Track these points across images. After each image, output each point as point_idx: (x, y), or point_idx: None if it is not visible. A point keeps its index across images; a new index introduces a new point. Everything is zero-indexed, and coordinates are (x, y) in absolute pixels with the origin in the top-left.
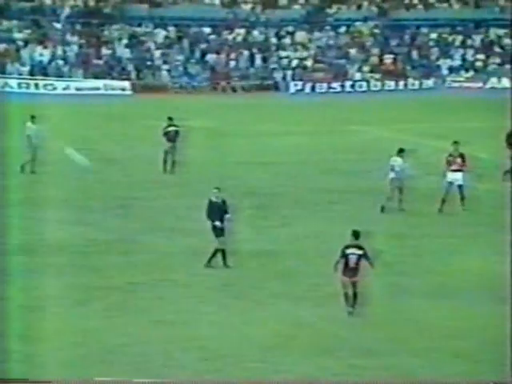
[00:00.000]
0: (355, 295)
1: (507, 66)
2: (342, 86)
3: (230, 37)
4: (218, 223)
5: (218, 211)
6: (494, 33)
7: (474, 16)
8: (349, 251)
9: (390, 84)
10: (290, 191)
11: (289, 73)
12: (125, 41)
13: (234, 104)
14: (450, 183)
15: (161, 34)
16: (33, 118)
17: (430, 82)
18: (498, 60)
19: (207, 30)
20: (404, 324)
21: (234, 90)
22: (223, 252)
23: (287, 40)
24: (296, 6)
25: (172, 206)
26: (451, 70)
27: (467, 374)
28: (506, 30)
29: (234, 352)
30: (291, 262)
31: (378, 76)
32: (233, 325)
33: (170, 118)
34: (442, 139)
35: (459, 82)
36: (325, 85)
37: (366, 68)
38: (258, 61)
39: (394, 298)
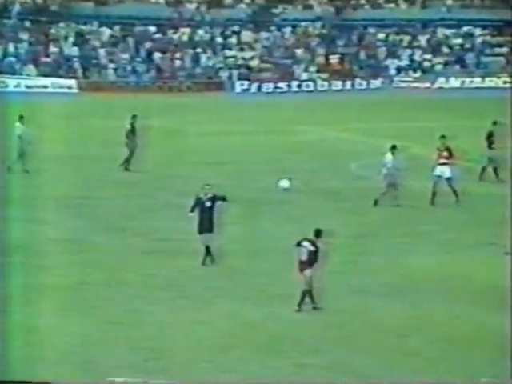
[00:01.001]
0: (304, 293)
1: (456, 67)
2: (289, 86)
3: (176, 36)
4: (204, 220)
5: (204, 208)
6: (441, 33)
7: (421, 16)
8: (303, 243)
9: (337, 84)
10: (238, 191)
11: (235, 72)
12: (71, 39)
13: (180, 103)
14: (439, 176)
15: (106, 32)
16: (21, 117)
17: (377, 82)
18: (445, 60)
19: (152, 28)
20: (354, 323)
21: (179, 89)
22: (207, 249)
23: (233, 39)
24: (241, 6)
25: (123, 205)
26: (399, 70)
27: (417, 372)
28: (454, 29)
29: (182, 352)
30: (240, 261)
31: (324, 76)
32: (181, 324)
33: (133, 116)
34: (390, 139)
35: (407, 82)
36: (271, 84)
37: (312, 68)
38: (204, 60)
39: (345, 297)
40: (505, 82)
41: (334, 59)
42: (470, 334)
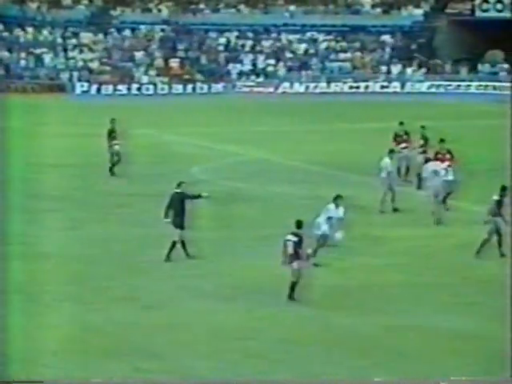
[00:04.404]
0: (295, 284)
1: (300, 72)
2: (129, 89)
3: (21, 34)
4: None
5: (179, 204)
6: (284, 38)
7: (263, 21)
8: (287, 237)
9: (178, 88)
10: (78, 194)
11: (75, 74)
12: None
13: (25, 104)
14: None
15: None
16: None
17: (219, 87)
18: (289, 65)
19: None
20: (197, 326)
21: (24, 89)
22: (183, 243)
23: (73, 41)
24: (80, 7)
25: None
26: (241, 74)
27: (261, 374)
28: (297, 35)
29: (23, 356)
30: (80, 265)
31: (165, 80)
32: (23, 328)
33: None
34: (232, 143)
35: (250, 86)
36: (110, 87)
37: (152, 71)
38: (48, 61)
39: (186, 300)
40: (351, 87)
41: (174, 63)
42: (315, 335)
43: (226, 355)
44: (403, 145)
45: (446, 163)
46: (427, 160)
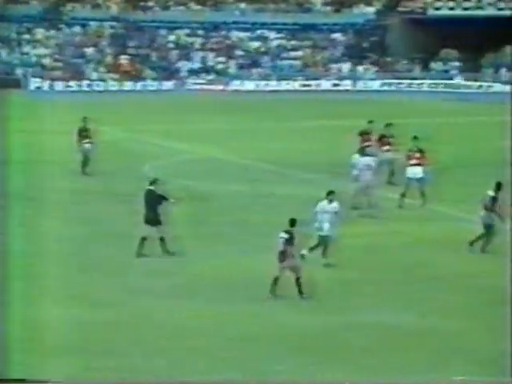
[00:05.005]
0: (297, 280)
1: (251, 70)
2: (79, 86)
3: None
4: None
5: (150, 201)
6: (235, 36)
7: (213, 19)
8: (280, 235)
9: (128, 84)
10: (28, 191)
11: (30, 70)
12: None
13: None
14: (410, 178)
15: None
16: None
17: (169, 84)
18: (240, 63)
19: None
20: (144, 324)
21: None
22: (162, 239)
23: (27, 36)
24: (34, 2)
25: None
26: (191, 72)
27: (206, 372)
28: (248, 33)
29: None
30: (28, 262)
31: (115, 76)
32: None
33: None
34: (183, 141)
35: (200, 84)
36: (62, 83)
37: (102, 68)
38: (3, 56)
39: (137, 298)
40: (302, 85)
41: (124, 60)
42: (266, 333)
43: (175, 353)
44: (387, 147)
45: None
46: (362, 153)
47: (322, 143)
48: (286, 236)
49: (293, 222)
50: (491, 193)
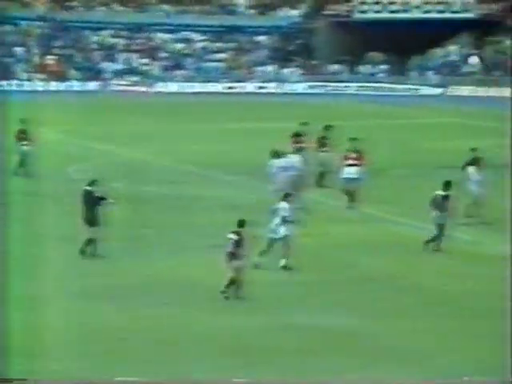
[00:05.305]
0: (233, 281)
1: (175, 71)
2: (9, 85)
3: None
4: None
5: (88, 201)
6: (159, 37)
7: (137, 20)
8: (228, 236)
9: (54, 85)
10: None
11: None
12: None
13: None
14: (345, 178)
15: None
16: None
17: (93, 85)
18: (164, 65)
19: None
20: (69, 327)
21: None
22: (93, 241)
23: None
24: None
25: None
26: (115, 73)
27: (127, 375)
28: (172, 34)
29: None
30: None
31: (42, 76)
32: None
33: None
34: (106, 142)
35: (124, 85)
36: None
37: (31, 68)
38: None
39: (62, 300)
40: (226, 88)
41: (50, 60)
42: (190, 335)
43: (102, 356)
44: (325, 148)
45: (298, 158)
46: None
47: (246, 145)
48: (235, 237)
49: (241, 223)
50: (441, 192)
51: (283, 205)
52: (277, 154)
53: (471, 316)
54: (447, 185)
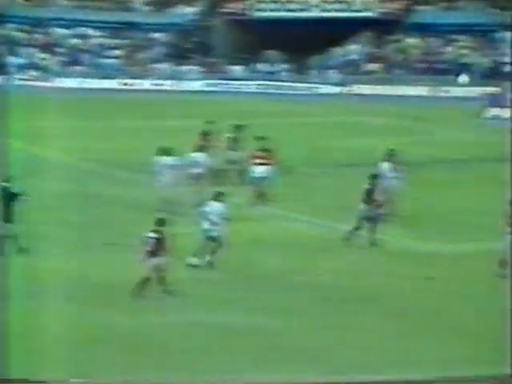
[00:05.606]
0: (162, 279)
1: (75, 67)
2: None
3: None
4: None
5: (3, 198)
6: (56, 32)
7: (35, 14)
8: (147, 234)
9: None
10: None
11: None
12: None
13: None
14: (254, 177)
15: None
16: None
17: None
18: (62, 60)
19: None
20: None
21: None
22: (11, 238)
23: None
24: None
25: None
26: (18, 67)
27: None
28: (68, 29)
29: None
30: None
31: None
32: None
33: None
34: (15, 138)
35: (26, 80)
36: None
37: None
38: None
39: None
40: (122, 84)
41: None
42: (92, 333)
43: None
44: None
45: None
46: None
47: (141, 143)
48: (154, 235)
49: (161, 222)
50: (366, 186)
51: (215, 204)
52: (164, 152)
53: (371, 313)
54: (373, 177)
